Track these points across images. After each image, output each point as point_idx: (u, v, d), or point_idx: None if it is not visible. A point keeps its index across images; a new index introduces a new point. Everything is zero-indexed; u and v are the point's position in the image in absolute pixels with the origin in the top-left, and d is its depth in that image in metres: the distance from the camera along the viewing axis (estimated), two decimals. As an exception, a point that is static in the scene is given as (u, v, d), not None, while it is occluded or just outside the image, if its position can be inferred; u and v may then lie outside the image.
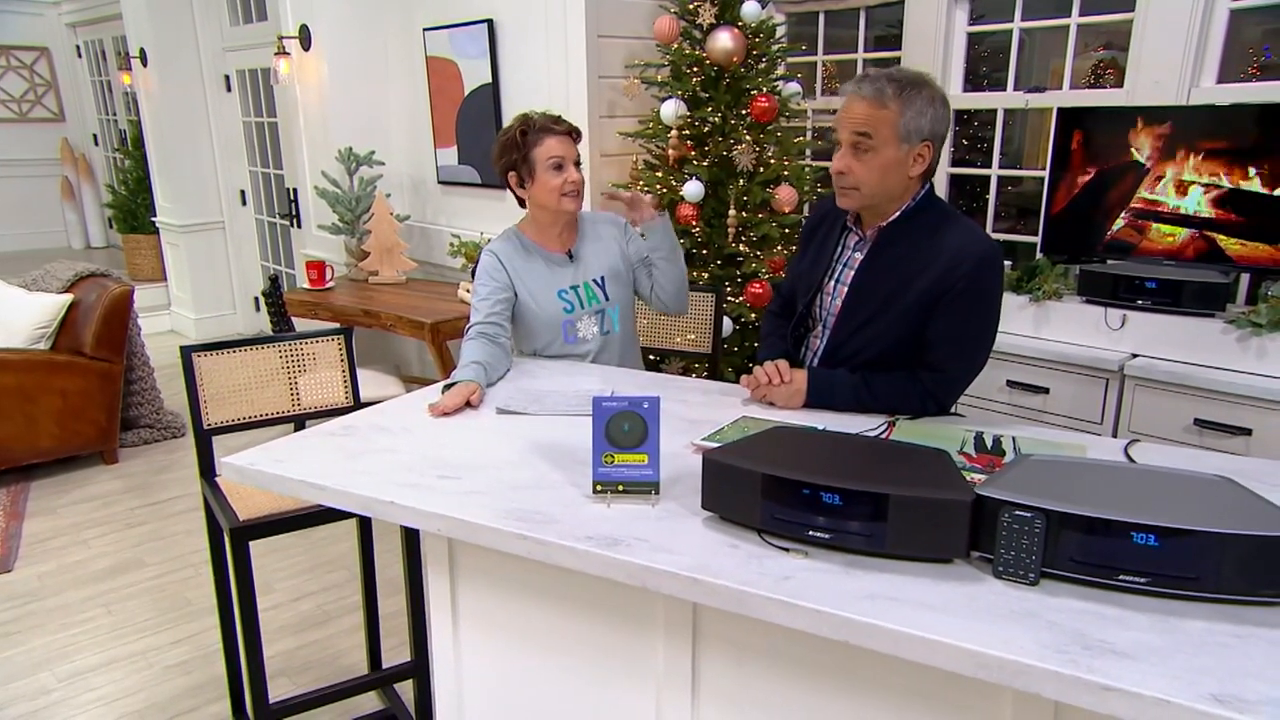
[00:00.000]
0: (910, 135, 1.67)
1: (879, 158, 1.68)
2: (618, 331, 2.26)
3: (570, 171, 2.12)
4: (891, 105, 1.65)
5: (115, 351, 3.98)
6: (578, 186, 2.14)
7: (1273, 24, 2.74)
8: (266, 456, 1.53)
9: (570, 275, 2.22)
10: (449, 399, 1.76)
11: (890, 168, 1.69)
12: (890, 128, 1.66)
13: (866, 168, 1.69)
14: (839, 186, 1.75)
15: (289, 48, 4.50)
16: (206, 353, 2.08)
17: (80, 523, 3.49)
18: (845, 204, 1.78)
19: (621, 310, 2.27)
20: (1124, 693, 0.90)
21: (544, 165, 2.11)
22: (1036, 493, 1.10)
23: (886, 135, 1.66)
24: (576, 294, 2.21)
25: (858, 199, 1.74)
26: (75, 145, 8.79)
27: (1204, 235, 2.54)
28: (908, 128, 1.66)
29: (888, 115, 1.65)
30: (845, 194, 1.75)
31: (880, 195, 1.73)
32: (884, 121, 1.66)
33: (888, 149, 1.67)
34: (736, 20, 3.01)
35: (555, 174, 2.11)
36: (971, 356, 1.74)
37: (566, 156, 2.12)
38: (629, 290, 2.31)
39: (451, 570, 1.55)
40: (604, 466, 1.34)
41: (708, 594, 1.13)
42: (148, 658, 2.60)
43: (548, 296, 2.18)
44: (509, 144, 2.13)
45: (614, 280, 2.25)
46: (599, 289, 2.23)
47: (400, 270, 4.27)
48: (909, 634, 1.01)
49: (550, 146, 2.10)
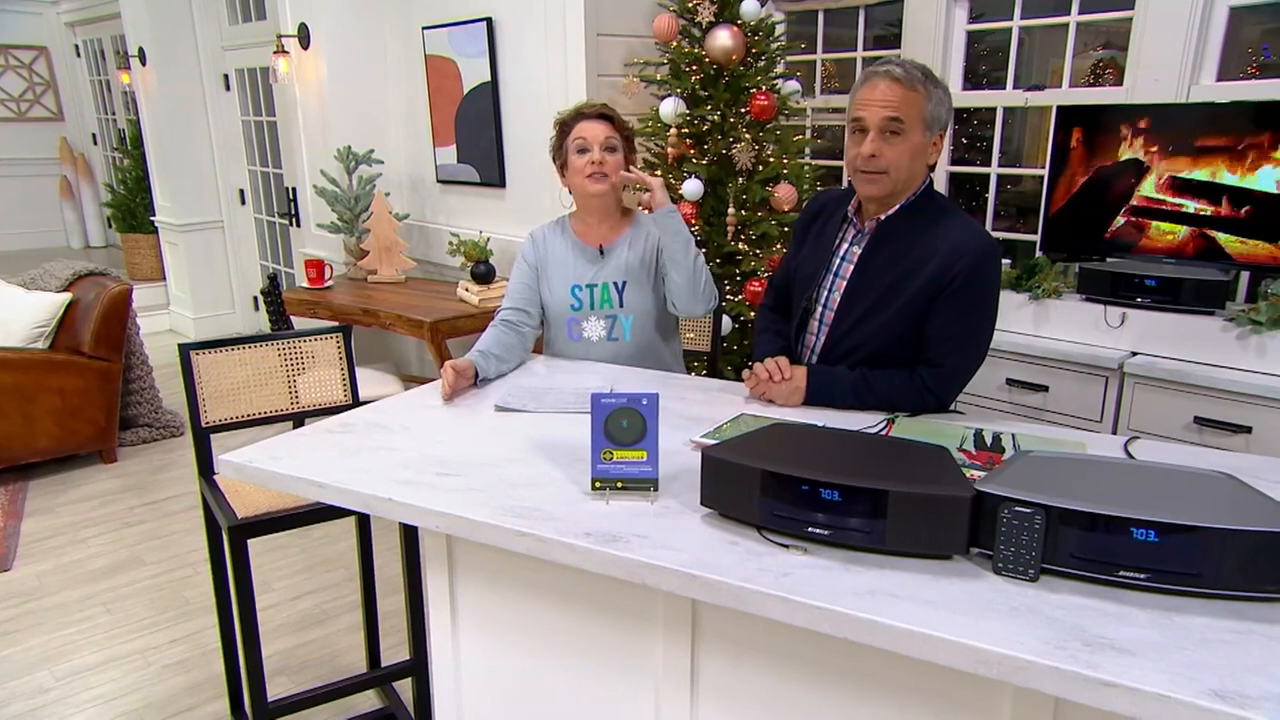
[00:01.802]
0: (933, 123, 1.70)
1: (908, 142, 1.68)
2: (628, 341, 2.17)
3: (594, 153, 2.09)
4: (920, 89, 1.66)
5: (114, 350, 3.98)
6: (600, 168, 2.09)
7: (1272, 23, 2.74)
8: (264, 454, 1.53)
9: (593, 272, 2.17)
10: (444, 384, 1.85)
11: (917, 153, 1.70)
12: (919, 112, 1.67)
13: (897, 152, 1.68)
14: (865, 171, 1.71)
15: (288, 46, 4.50)
16: (205, 351, 2.08)
17: (78, 522, 3.49)
18: (870, 190, 1.73)
19: (637, 321, 2.17)
20: (1124, 688, 0.89)
21: (573, 150, 2.12)
22: (1036, 489, 1.10)
23: (915, 120, 1.67)
24: (591, 293, 2.17)
25: (886, 184, 1.71)
26: (74, 144, 8.78)
27: (1203, 233, 2.54)
28: (932, 115, 1.69)
29: (917, 99, 1.66)
30: (873, 179, 1.71)
31: (904, 182, 1.73)
32: (914, 105, 1.66)
33: (915, 134, 1.68)
34: (736, 18, 3.01)
35: (580, 156, 2.11)
36: (970, 352, 1.74)
37: (592, 139, 2.09)
38: (652, 300, 2.18)
39: (450, 568, 1.55)
40: (603, 463, 1.33)
41: (707, 590, 1.12)
42: (146, 656, 2.60)
43: (561, 287, 2.17)
44: (554, 136, 2.18)
45: (635, 287, 2.16)
46: (616, 293, 2.16)
47: (399, 269, 4.27)
48: (909, 630, 1.00)
49: (578, 130, 2.11)
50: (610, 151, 2.11)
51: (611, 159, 2.11)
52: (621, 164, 2.14)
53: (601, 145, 2.09)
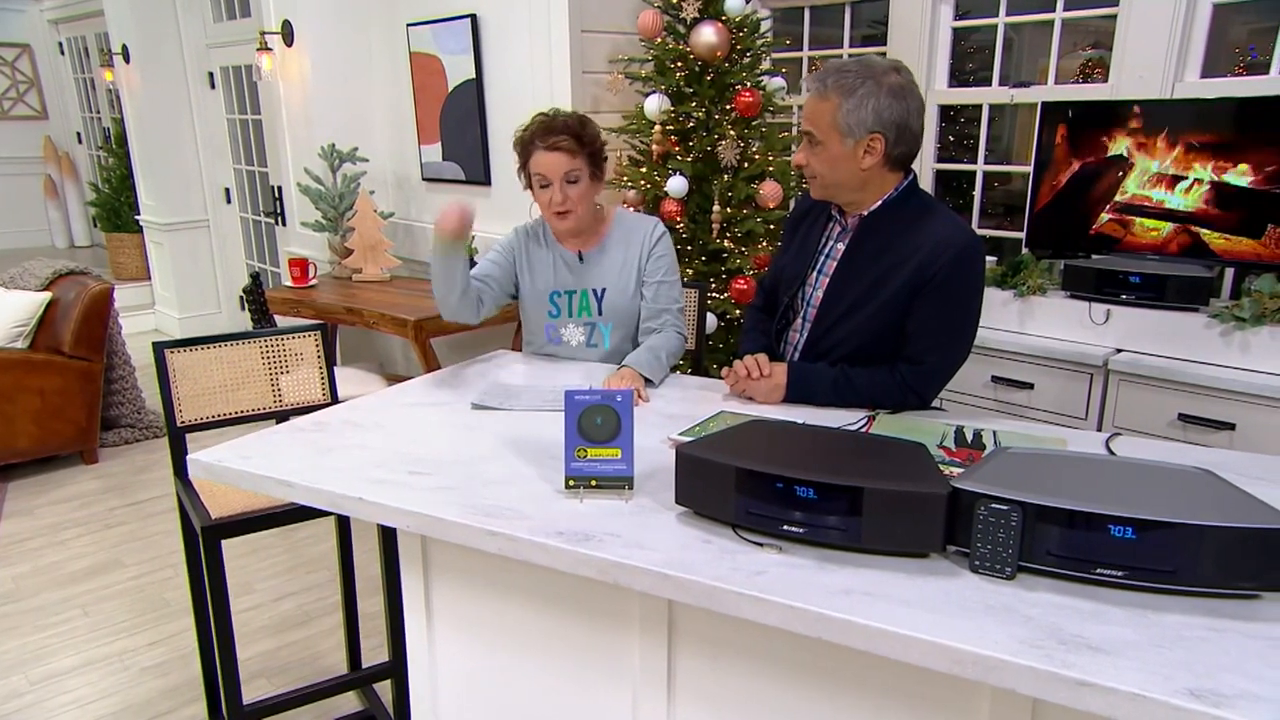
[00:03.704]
0: (852, 129, 1.66)
1: (826, 151, 1.70)
2: (608, 348, 2.12)
3: (554, 191, 1.98)
4: (831, 98, 1.66)
5: (95, 350, 3.94)
6: (561, 207, 1.99)
7: (1259, 23, 2.74)
8: (235, 453, 1.50)
9: (572, 279, 2.11)
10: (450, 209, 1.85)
11: (838, 161, 1.70)
12: (829, 122, 1.67)
13: (819, 160, 1.72)
14: (805, 177, 1.80)
15: (271, 43, 4.46)
16: (180, 349, 2.05)
17: (58, 523, 3.45)
18: (813, 194, 1.83)
19: (617, 328, 2.12)
20: (1099, 688, 0.88)
21: (535, 184, 2.03)
22: (1013, 485, 1.09)
23: (826, 129, 1.68)
24: (569, 301, 2.11)
25: (818, 188, 1.79)
26: (58, 143, 8.71)
27: (1188, 230, 2.53)
28: (847, 121, 1.65)
29: (826, 108, 1.66)
30: (809, 183, 1.80)
31: (837, 186, 1.75)
32: (822, 115, 1.68)
33: (831, 143, 1.69)
34: (720, 14, 2.99)
35: (542, 192, 2.02)
36: (951, 349, 1.72)
37: (551, 175, 1.97)
38: (632, 307, 2.12)
39: (425, 568, 1.52)
40: (577, 461, 1.31)
41: (679, 590, 1.10)
42: (124, 659, 2.57)
43: (541, 294, 2.13)
44: (517, 149, 2.06)
45: (617, 296, 2.10)
46: (595, 301, 2.10)
47: (384, 268, 4.24)
48: (883, 630, 0.99)
49: (535, 162, 1.99)
50: (572, 184, 1.99)
51: (574, 192, 1.99)
52: (587, 192, 2.02)
53: (562, 180, 1.98)
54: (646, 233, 2.13)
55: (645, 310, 2.12)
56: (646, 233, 2.13)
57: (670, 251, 2.15)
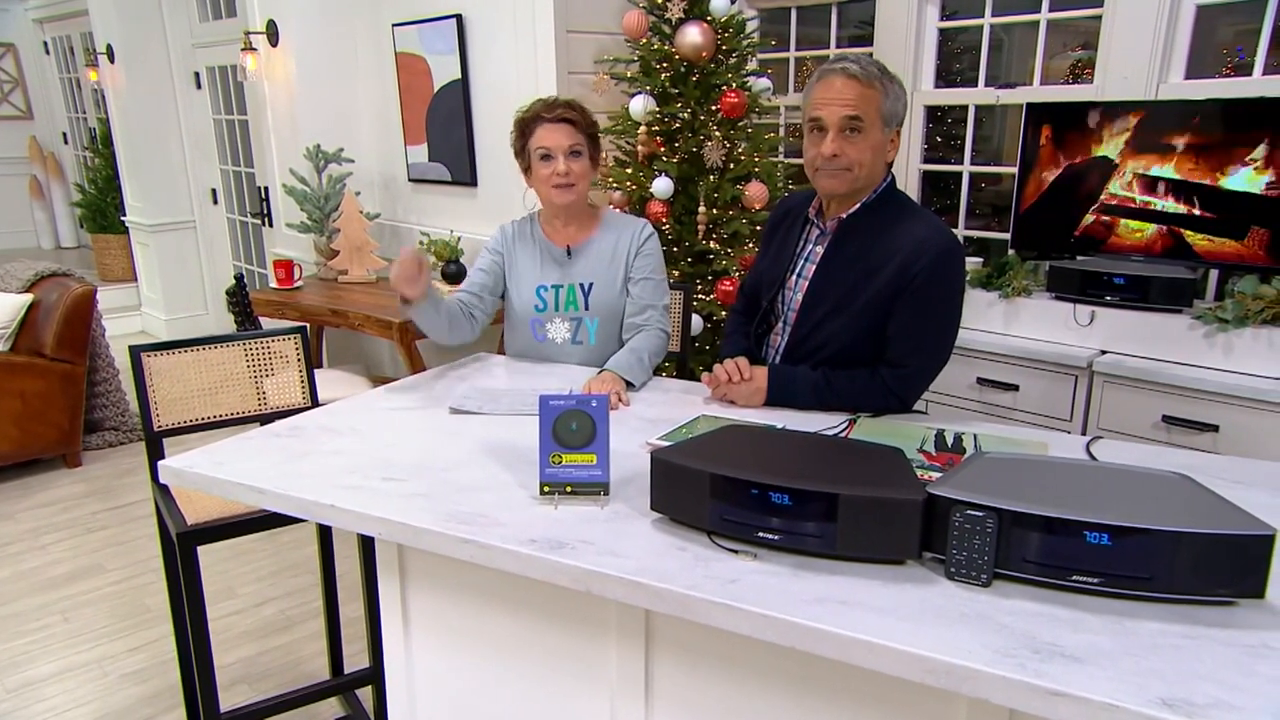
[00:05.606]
0: (890, 119, 1.67)
1: (868, 140, 1.66)
2: (594, 344, 2.12)
3: (558, 163, 2.00)
4: (877, 86, 1.64)
5: (77, 353, 3.90)
6: (564, 179, 2.01)
7: (1246, 24, 2.73)
8: (207, 459, 1.48)
9: (559, 273, 2.11)
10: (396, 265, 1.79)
11: (878, 150, 1.68)
12: (877, 109, 1.65)
13: (859, 149, 1.66)
14: (830, 169, 1.68)
15: (256, 43, 4.43)
16: (156, 352, 2.03)
17: (39, 527, 3.41)
18: (833, 185, 1.70)
19: (603, 324, 2.11)
20: (1072, 697, 0.87)
21: (535, 157, 2.04)
22: (989, 491, 1.08)
23: (873, 116, 1.65)
24: (556, 294, 2.11)
25: (849, 180, 1.68)
26: (44, 143, 8.63)
27: (1172, 231, 2.53)
28: (890, 111, 1.66)
29: (875, 96, 1.64)
30: (836, 175, 1.68)
31: (867, 179, 1.71)
32: (872, 102, 1.64)
33: (875, 131, 1.66)
34: (705, 15, 2.98)
35: (544, 165, 2.03)
36: (932, 352, 1.72)
37: (555, 146, 2.00)
38: (619, 304, 2.12)
39: (402, 574, 1.51)
40: (551, 467, 1.30)
41: (652, 598, 1.09)
42: (103, 666, 2.54)
43: (526, 288, 2.12)
44: (514, 134, 2.08)
45: (601, 289, 2.10)
46: (582, 295, 2.10)
47: (370, 269, 4.21)
48: (855, 639, 0.97)
49: (539, 136, 2.01)
50: (575, 157, 2.02)
51: (577, 166, 2.02)
52: (588, 170, 2.06)
53: (566, 153, 2.00)
54: (635, 231, 2.14)
55: (630, 306, 2.12)
56: (635, 231, 2.14)
57: (658, 251, 2.16)
